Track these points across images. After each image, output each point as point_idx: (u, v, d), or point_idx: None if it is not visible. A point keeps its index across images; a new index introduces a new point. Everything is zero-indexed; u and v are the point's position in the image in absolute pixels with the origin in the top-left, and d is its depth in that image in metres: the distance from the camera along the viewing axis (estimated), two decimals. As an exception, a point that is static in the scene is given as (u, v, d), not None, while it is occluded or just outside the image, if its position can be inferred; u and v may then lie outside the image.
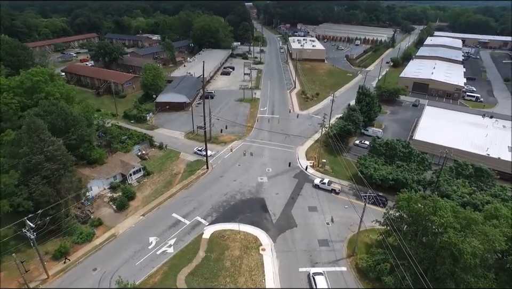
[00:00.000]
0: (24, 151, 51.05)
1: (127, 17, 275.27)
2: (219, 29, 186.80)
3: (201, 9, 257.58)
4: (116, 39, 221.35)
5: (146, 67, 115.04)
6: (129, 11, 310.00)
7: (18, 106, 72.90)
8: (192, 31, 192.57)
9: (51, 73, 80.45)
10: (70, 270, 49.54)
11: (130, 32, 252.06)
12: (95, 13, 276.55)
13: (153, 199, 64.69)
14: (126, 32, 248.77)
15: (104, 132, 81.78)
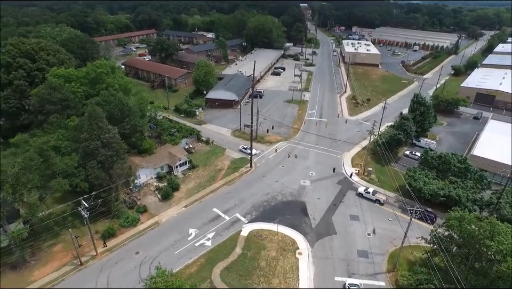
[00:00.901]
0: (84, 136, 55.25)
1: (184, 15, 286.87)
2: (272, 29, 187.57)
3: (256, 9, 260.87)
4: (172, 36, 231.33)
5: (199, 63, 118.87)
6: (187, 10, 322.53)
7: (83, 95, 78.98)
8: (245, 30, 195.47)
9: (112, 66, 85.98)
10: (115, 250, 52.81)
11: (187, 30, 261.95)
12: (156, 11, 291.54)
13: (196, 192, 66.75)
14: (182, 29, 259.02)
15: (155, 124, 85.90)
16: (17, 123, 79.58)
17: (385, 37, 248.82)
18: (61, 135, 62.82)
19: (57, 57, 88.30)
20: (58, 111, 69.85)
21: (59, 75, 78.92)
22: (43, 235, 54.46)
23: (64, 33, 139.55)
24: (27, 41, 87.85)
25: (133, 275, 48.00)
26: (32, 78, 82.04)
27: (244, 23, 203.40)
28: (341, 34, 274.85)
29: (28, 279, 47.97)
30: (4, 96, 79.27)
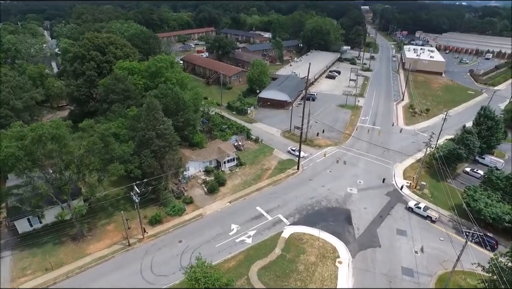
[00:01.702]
0: (141, 126, 58.76)
1: (243, 15, 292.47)
2: (330, 31, 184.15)
3: (315, 10, 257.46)
4: (230, 34, 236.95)
5: (254, 63, 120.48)
6: (246, 9, 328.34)
7: (143, 87, 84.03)
8: (303, 31, 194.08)
9: (172, 61, 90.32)
10: (160, 236, 55.53)
11: (244, 29, 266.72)
12: (216, 10, 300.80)
13: (241, 189, 67.85)
14: (240, 28, 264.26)
15: (207, 119, 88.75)
16: (85, 110, 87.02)
17: (452, 43, 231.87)
18: (120, 123, 67.43)
19: (124, 51, 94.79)
20: (120, 101, 75.03)
21: (124, 68, 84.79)
22: (99, 214, 59.20)
23: (132, 29, 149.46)
24: (100, 35, 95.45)
25: (174, 262, 50.14)
26: (101, 69, 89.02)
27: (302, 24, 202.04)
28: (403, 39, 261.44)
29: (84, 251, 52.36)
30: (77, 84, 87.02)
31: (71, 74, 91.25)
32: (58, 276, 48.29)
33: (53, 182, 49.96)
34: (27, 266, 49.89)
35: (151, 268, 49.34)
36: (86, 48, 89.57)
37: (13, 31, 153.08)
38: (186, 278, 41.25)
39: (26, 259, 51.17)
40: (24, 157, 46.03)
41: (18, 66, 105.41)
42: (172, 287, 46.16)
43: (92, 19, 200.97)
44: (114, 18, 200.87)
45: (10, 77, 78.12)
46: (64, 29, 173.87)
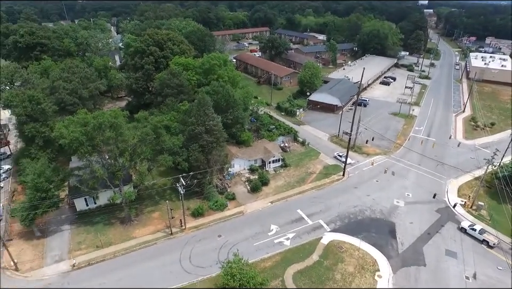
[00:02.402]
0: (191, 121, 60.89)
1: (298, 15, 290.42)
2: (388, 35, 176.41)
3: (373, 13, 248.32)
4: (284, 35, 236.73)
5: (306, 64, 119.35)
6: (302, 10, 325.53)
7: (196, 83, 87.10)
8: (359, 34, 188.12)
9: (225, 59, 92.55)
10: (201, 229, 57.22)
11: (299, 30, 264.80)
12: (272, 10, 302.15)
13: (284, 190, 67.66)
14: (294, 29, 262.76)
15: (256, 118, 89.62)
16: (141, 102, 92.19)
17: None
18: (172, 117, 70.38)
19: (181, 47, 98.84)
20: (174, 95, 78.38)
21: (179, 64, 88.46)
22: (146, 201, 62.55)
23: (189, 26, 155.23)
24: (159, 32, 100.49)
25: (212, 255, 51.38)
26: (158, 64, 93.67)
27: (358, 27, 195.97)
28: (469, 45, 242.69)
29: (130, 235, 55.65)
30: (136, 77, 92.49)
31: (131, 68, 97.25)
32: (106, 254, 51.87)
33: (108, 167, 53.64)
34: (82, 241, 54.26)
35: (190, 258, 51.03)
36: (146, 43, 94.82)
37: (86, 27, 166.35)
38: (223, 272, 42.20)
39: (81, 234, 55.64)
40: (86, 142, 49.95)
41: (87, 59, 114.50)
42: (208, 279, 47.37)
43: (153, 17, 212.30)
44: (174, 16, 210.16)
45: (81, 68, 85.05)
46: (128, 25, 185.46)
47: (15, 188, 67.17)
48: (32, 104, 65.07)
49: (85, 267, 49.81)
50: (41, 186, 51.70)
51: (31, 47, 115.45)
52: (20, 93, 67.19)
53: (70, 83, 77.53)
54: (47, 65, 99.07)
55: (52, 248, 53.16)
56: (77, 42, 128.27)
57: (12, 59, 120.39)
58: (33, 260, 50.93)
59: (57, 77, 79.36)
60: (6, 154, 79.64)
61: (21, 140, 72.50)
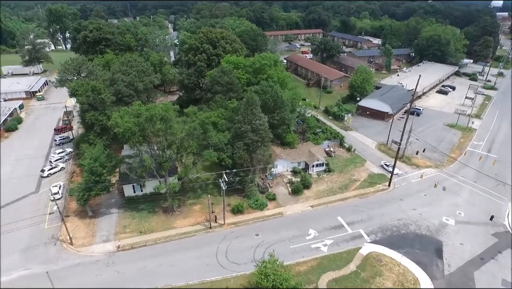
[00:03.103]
0: (238, 118, 61.77)
1: (354, 18, 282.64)
2: (450, 41, 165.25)
3: (436, 17, 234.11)
4: (337, 37, 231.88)
5: (358, 69, 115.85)
6: (358, 13, 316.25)
7: (245, 82, 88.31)
8: (417, 39, 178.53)
9: (276, 59, 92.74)
10: (239, 226, 57.89)
11: (353, 33, 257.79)
12: (326, 11, 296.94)
13: (325, 196, 66.34)
14: (349, 32, 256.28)
15: (302, 120, 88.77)
16: (191, 97, 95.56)
17: None
18: (220, 114, 71.95)
19: (233, 46, 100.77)
20: (223, 93, 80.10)
21: (230, 62, 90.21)
22: (188, 194, 64.60)
23: (243, 25, 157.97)
24: (213, 30, 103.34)
25: (248, 253, 51.77)
26: (210, 61, 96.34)
27: (417, 32, 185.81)
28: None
29: (172, 224, 57.91)
30: (188, 73, 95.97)
31: (184, 64, 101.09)
32: (148, 240, 54.47)
33: (156, 157, 56.22)
34: (127, 225, 57.52)
35: (226, 253, 51.87)
36: (200, 41, 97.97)
37: (146, 24, 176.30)
38: (257, 271, 42.31)
39: (127, 219, 59.00)
40: (138, 132, 52.71)
41: (145, 54, 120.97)
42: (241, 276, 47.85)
43: (209, 15, 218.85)
44: (229, 15, 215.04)
45: (138, 62, 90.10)
46: (184, 23, 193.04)
47: (74, 170, 73.01)
48: (94, 94, 70.13)
49: (128, 250, 52.72)
50: (96, 170, 55.71)
51: (97, 41, 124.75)
52: (85, 83, 72.78)
53: (127, 76, 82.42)
54: (109, 59, 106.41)
55: (101, 228, 57.03)
56: (137, 37, 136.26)
57: (80, 52, 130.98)
58: (85, 237, 55.02)
59: (117, 70, 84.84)
60: (69, 138, 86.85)
61: (82, 126, 78.52)
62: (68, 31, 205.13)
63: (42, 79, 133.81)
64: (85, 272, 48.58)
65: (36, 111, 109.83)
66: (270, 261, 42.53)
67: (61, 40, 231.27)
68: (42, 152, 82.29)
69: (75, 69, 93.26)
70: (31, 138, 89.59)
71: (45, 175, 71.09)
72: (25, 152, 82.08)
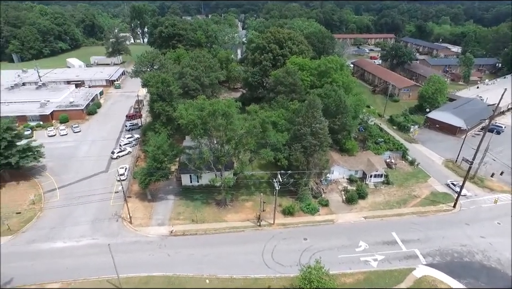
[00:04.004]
0: (298, 120, 61.24)
1: (431, 23, 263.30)
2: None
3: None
4: (410, 43, 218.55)
5: (431, 78, 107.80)
6: (437, 17, 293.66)
7: (309, 84, 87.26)
8: (507, 48, 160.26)
9: (342, 63, 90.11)
10: (288, 227, 57.49)
11: (429, 39, 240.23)
12: (401, 15, 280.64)
13: (381, 208, 63.05)
14: (424, 38, 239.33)
15: (364, 128, 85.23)
16: (254, 95, 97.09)
17: None
18: (281, 114, 72.02)
19: (299, 47, 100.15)
20: (286, 93, 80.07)
21: (295, 63, 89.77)
22: (242, 190, 65.76)
23: (311, 27, 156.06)
24: (281, 30, 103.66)
25: (294, 256, 51.22)
26: (276, 61, 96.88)
27: (508, 39, 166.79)
28: None
29: (223, 217, 59.56)
30: (253, 72, 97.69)
31: (250, 62, 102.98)
32: (199, 229, 56.67)
33: (215, 151, 58.09)
34: (181, 213, 60.48)
35: (272, 253, 51.89)
36: (267, 40, 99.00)
37: (217, 22, 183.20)
38: (301, 276, 41.71)
39: (182, 207, 62.01)
40: (200, 125, 54.94)
41: (213, 50, 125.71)
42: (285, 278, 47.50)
43: (278, 15, 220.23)
44: (298, 16, 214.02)
45: (206, 58, 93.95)
46: (254, 22, 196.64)
47: (139, 155, 78.65)
48: (163, 86, 74.71)
49: (180, 235, 55.39)
50: (158, 157, 59.43)
51: (171, 36, 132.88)
52: (156, 75, 77.88)
53: (195, 70, 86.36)
54: (180, 53, 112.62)
55: (157, 212, 60.70)
56: (207, 34, 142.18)
57: (155, 46, 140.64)
58: (142, 218, 59.04)
59: (186, 64, 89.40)
60: (138, 125, 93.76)
61: (150, 115, 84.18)
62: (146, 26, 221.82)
63: (120, 69, 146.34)
64: (140, 250, 52.20)
65: (113, 98, 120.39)
66: (315, 267, 41.63)
67: (139, 35, 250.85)
68: (114, 135, 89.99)
69: (149, 62, 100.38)
70: (106, 122, 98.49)
71: (115, 157, 77.64)
72: (101, 134, 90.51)
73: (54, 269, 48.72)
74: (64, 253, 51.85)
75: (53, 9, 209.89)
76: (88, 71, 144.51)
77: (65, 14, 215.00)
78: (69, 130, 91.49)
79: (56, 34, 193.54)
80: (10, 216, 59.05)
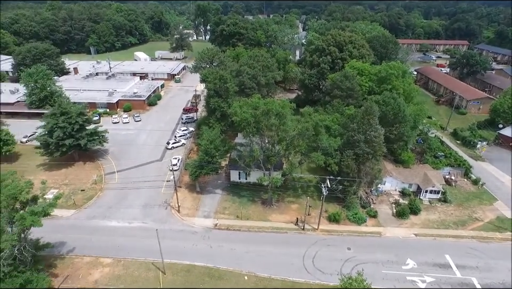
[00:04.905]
0: (353, 127, 59.22)
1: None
2: None
3: None
4: (486, 51, 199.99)
5: (508, 91, 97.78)
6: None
7: (367, 90, 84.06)
8: None
9: (404, 70, 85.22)
10: (332, 235, 55.98)
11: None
12: (479, 20, 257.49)
13: (434, 227, 58.72)
14: (505, 46, 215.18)
15: (423, 140, 79.98)
16: (309, 97, 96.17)
17: None
18: (335, 118, 70.37)
19: (360, 51, 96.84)
20: (342, 98, 78.09)
21: (355, 67, 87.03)
22: (289, 191, 65.41)
23: (374, 31, 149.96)
24: (342, 33, 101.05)
25: (335, 264, 49.88)
26: (334, 64, 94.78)
27: None
28: None
29: (267, 217, 59.75)
30: (310, 74, 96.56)
31: (308, 64, 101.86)
32: (243, 226, 57.44)
33: (265, 150, 58.39)
34: (227, 208, 61.81)
35: (313, 258, 50.96)
36: (327, 43, 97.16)
37: (278, 22, 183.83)
38: (340, 285, 40.34)
39: (228, 202, 63.35)
40: (253, 124, 55.58)
41: (272, 50, 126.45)
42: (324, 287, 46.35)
43: (340, 18, 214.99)
44: (361, 19, 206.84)
45: (264, 57, 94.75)
46: (315, 23, 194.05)
47: (192, 147, 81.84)
48: (221, 82, 76.84)
49: (223, 230, 56.66)
50: (210, 151, 61.31)
51: (232, 35, 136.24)
52: (214, 72, 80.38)
53: (252, 69, 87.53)
54: (239, 52, 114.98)
55: (204, 204, 62.68)
56: (267, 34, 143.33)
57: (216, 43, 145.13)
58: (190, 209, 61.38)
59: (244, 63, 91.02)
60: (193, 118, 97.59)
61: (205, 110, 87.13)
62: (209, 24, 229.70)
63: (181, 64, 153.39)
64: (184, 239, 54.39)
65: (172, 91, 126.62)
66: (356, 279, 39.92)
67: (202, 32, 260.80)
68: (170, 126, 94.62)
69: (209, 58, 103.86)
70: (164, 114, 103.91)
71: (169, 147, 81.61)
72: (159, 124, 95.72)
73: (108, 245, 52.73)
74: (117, 232, 55.82)
75: (127, 7, 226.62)
76: (152, 64, 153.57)
77: (137, 11, 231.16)
78: (130, 119, 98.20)
79: (127, 29, 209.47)
80: (76, 192, 65.02)
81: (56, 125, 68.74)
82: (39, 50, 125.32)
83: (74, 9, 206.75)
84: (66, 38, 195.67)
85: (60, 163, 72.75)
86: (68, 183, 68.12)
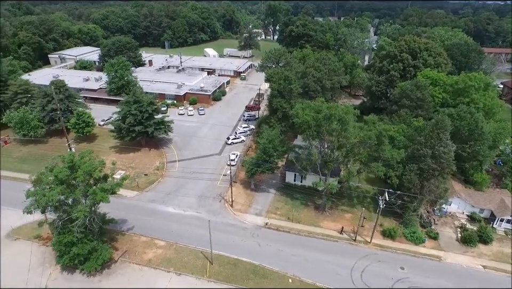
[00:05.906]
0: (420, 140, 55.31)
1: None
2: None
3: None
4: None
5: None
6: None
7: (439, 101, 77.81)
8: None
9: (488, 83, 77.17)
10: (386, 251, 53.19)
11: None
12: None
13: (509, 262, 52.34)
14: None
15: (503, 162, 71.76)
16: (375, 105, 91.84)
17: None
18: (401, 129, 66.40)
19: (436, 60, 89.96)
20: (410, 108, 73.46)
21: (428, 77, 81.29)
22: (344, 199, 63.48)
23: (455, 37, 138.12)
24: (417, 40, 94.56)
25: (385, 283, 47.49)
26: (405, 72, 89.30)
27: None
28: None
29: (318, 223, 58.76)
30: (378, 80, 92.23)
31: (377, 70, 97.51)
32: (292, 228, 57.20)
33: (323, 155, 57.26)
34: (279, 208, 61.97)
35: (362, 272, 49.03)
36: (399, 49, 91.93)
37: (348, 25, 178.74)
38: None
39: (280, 202, 63.47)
40: (314, 127, 54.86)
41: (340, 54, 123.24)
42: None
43: (417, 22, 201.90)
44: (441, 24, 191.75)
45: (331, 61, 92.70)
46: (388, 28, 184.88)
47: (251, 145, 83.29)
48: (285, 83, 77.09)
49: (273, 230, 56.92)
50: (268, 150, 61.91)
51: (300, 36, 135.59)
52: (279, 72, 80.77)
53: (318, 72, 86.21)
54: (306, 53, 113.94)
55: (257, 202, 63.50)
56: (337, 37, 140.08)
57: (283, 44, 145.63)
58: (242, 204, 62.65)
59: (310, 65, 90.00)
60: (255, 116, 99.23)
61: (267, 109, 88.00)
62: (278, 25, 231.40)
63: (248, 62, 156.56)
64: (234, 233, 55.81)
65: (237, 88, 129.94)
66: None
67: (271, 32, 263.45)
68: (232, 122, 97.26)
69: (275, 58, 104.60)
70: (227, 110, 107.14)
71: (229, 142, 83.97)
72: (221, 119, 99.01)
73: (163, 229, 56.26)
74: (173, 217, 59.13)
75: (202, 5, 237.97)
76: (220, 61, 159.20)
77: (211, 9, 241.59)
78: (195, 112, 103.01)
79: (200, 26, 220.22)
80: (140, 176, 70.13)
81: (129, 112, 74.78)
82: (122, 43, 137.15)
83: (154, 7, 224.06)
84: (145, 32, 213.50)
85: (128, 147, 79.01)
86: (134, 166, 73.78)
